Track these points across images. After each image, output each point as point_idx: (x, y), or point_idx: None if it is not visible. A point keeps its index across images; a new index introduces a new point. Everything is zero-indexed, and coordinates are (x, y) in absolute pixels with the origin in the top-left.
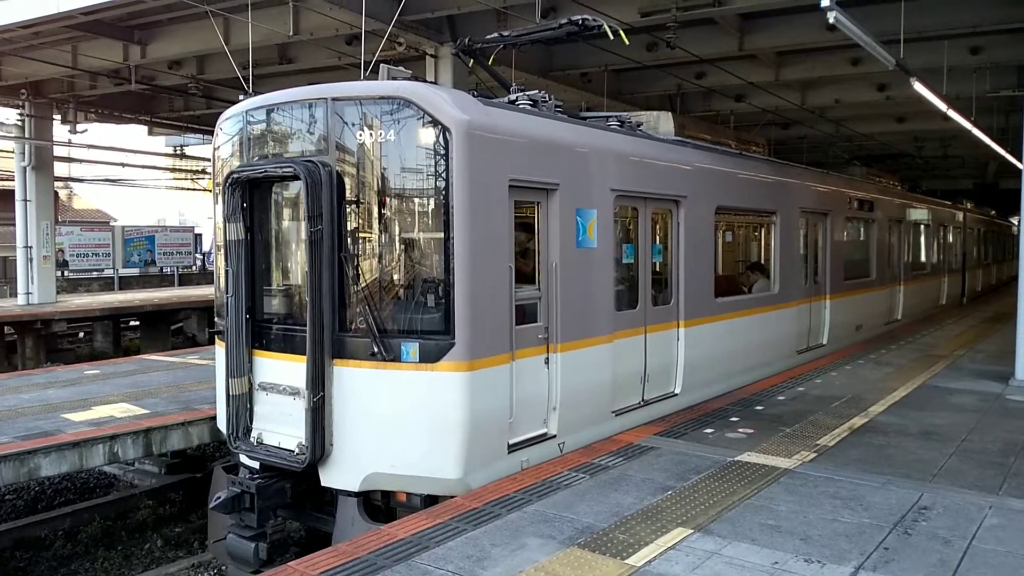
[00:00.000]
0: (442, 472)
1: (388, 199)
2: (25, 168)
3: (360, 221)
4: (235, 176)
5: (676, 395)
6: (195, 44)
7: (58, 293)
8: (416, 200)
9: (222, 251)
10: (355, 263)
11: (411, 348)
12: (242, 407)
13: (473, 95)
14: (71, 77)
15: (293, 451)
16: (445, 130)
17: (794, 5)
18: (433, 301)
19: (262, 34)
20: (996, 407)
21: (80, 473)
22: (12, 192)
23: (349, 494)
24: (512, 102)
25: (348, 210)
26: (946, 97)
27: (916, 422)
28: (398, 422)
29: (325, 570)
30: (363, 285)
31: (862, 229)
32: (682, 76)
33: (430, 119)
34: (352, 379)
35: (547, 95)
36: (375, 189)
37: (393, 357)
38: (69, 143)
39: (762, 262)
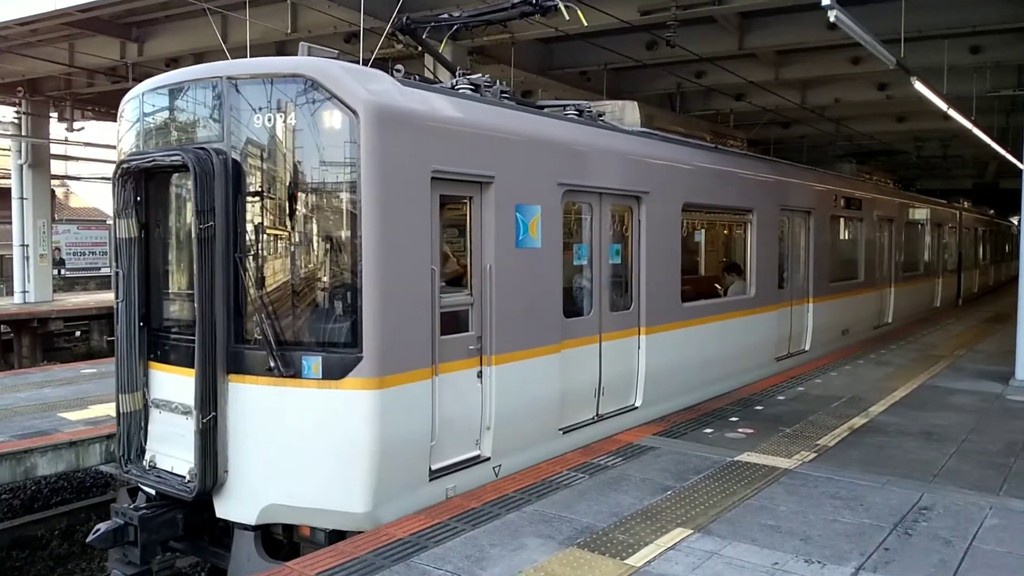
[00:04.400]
0: (347, 505)
1: (289, 192)
2: (22, 166)
3: (258, 217)
4: (125, 166)
5: (636, 408)
6: (193, 42)
7: (55, 292)
8: (320, 193)
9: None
10: (251, 264)
11: (313, 363)
12: (135, 426)
13: (396, 75)
14: (68, 75)
15: (184, 477)
16: (352, 112)
17: (794, 4)
18: (339, 309)
19: (260, 32)
20: (996, 407)
21: (77, 472)
22: (8, 190)
23: (245, 527)
24: (453, 87)
25: (245, 204)
26: (946, 96)
27: (916, 422)
28: (299, 447)
29: (323, 570)
30: (260, 289)
31: (850, 228)
32: (682, 75)
33: (334, 100)
34: (249, 397)
35: (496, 80)
36: (275, 180)
37: (293, 373)
38: (66, 141)
39: (739, 263)
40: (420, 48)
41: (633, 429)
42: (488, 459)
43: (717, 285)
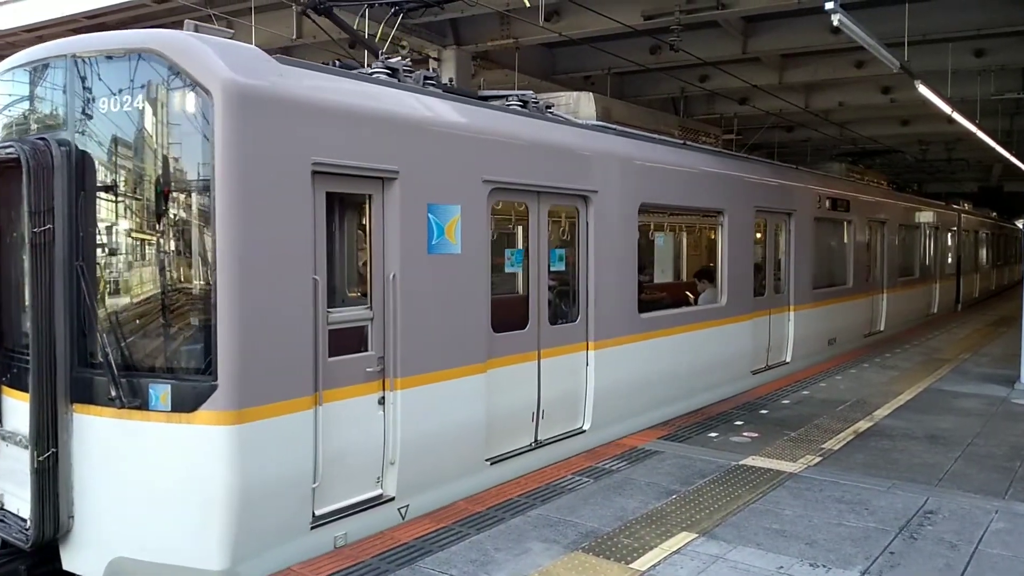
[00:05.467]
0: (201, 560)
1: (138, 189)
2: None
3: (105, 219)
4: None
5: (584, 431)
6: None
7: None
8: (173, 190)
9: None
10: (95, 274)
11: (161, 392)
12: None
13: (276, 55)
14: None
15: (26, 522)
16: (206, 93)
17: (798, 8)
18: (192, 328)
19: (265, 38)
20: (1002, 411)
21: None
22: None
23: None
24: (369, 73)
25: (90, 204)
26: (950, 100)
27: (921, 426)
28: (148, 492)
29: (328, 574)
30: (102, 304)
31: (837, 231)
32: (685, 79)
33: (187, 78)
34: (94, 431)
35: (430, 68)
36: (123, 176)
37: (139, 404)
38: None
39: (712, 269)
40: (345, 31)
41: (638, 433)
42: (392, 499)
43: (688, 293)
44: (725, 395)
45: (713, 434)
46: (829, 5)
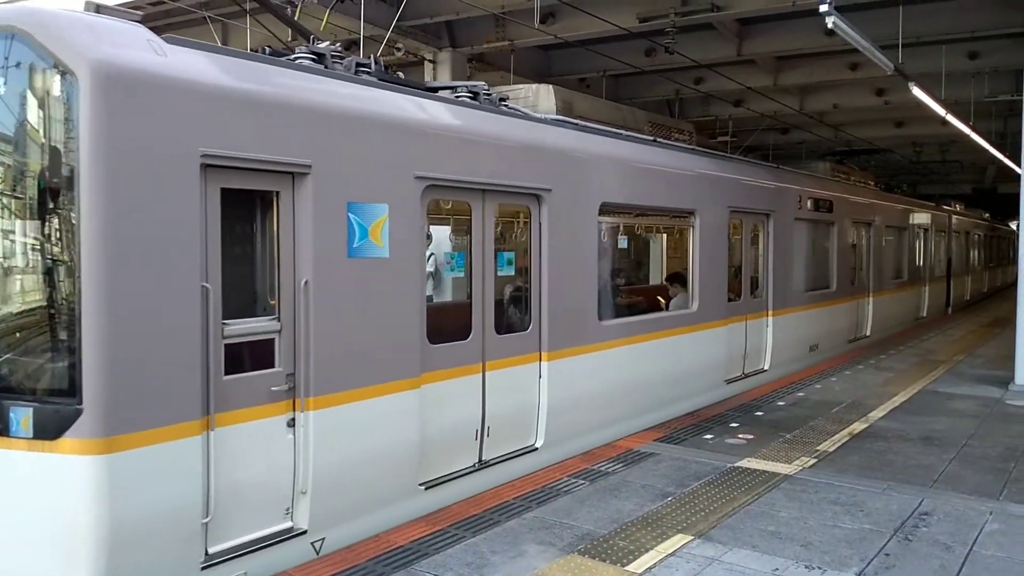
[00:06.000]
0: None
1: None
2: None
3: None
4: None
5: (537, 449)
6: None
7: None
8: (36, 186)
9: None
10: None
11: (23, 416)
12: None
13: (168, 35)
14: None
15: None
16: (71, 75)
17: (792, 10)
18: (55, 343)
19: (260, 39)
20: (996, 412)
21: None
22: None
23: None
24: (293, 58)
25: None
26: (944, 102)
27: (916, 427)
28: (9, 527)
29: None
30: None
31: (819, 233)
32: (681, 81)
33: (49, 57)
34: None
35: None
36: None
37: (0, 429)
38: None
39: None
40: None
41: (633, 435)
42: (304, 533)
43: (661, 298)
44: (697, 406)
45: (708, 436)
46: (823, 7)
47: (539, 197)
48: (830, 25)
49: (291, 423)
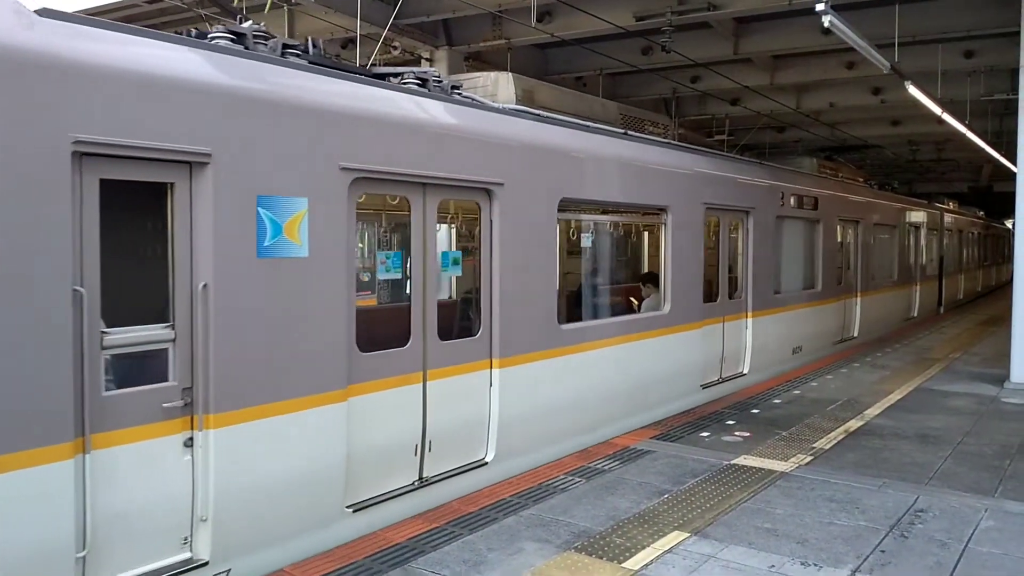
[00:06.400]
0: None
1: None
2: None
3: None
4: None
5: (487, 464)
6: None
7: None
8: None
9: None
10: None
11: None
12: None
13: (44, 8)
14: None
15: None
16: None
17: (789, 9)
18: None
19: None
20: (991, 410)
21: None
22: None
23: None
24: (210, 38)
25: None
26: (940, 101)
27: (912, 425)
28: None
29: (321, 575)
30: None
31: (804, 231)
32: (677, 80)
33: None
34: None
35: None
36: None
37: None
38: None
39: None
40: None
41: (630, 433)
42: (205, 564)
43: (632, 300)
44: (670, 412)
45: (705, 433)
46: (820, 6)
47: (490, 192)
48: (826, 24)
49: (188, 443)
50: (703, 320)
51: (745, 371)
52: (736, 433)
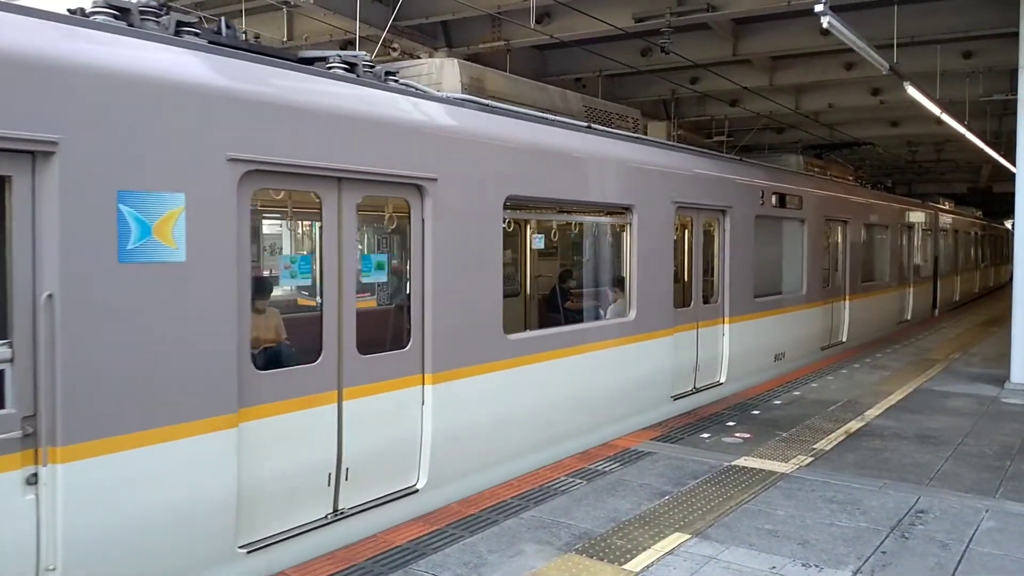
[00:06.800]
0: None
1: None
2: None
3: None
4: None
5: (418, 491)
6: None
7: None
8: None
9: None
10: None
11: None
12: None
13: None
14: None
15: None
16: None
17: (788, 10)
18: None
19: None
20: (992, 410)
21: None
22: None
23: None
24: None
25: None
26: (939, 101)
27: (912, 426)
28: None
29: None
30: None
31: (787, 232)
32: (676, 81)
33: None
34: None
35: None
36: None
37: None
38: None
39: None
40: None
41: (630, 434)
42: None
43: (597, 306)
44: (636, 427)
45: (705, 435)
46: (819, 7)
47: (421, 188)
48: (825, 25)
49: (32, 480)
50: (674, 327)
51: (722, 380)
52: (736, 434)
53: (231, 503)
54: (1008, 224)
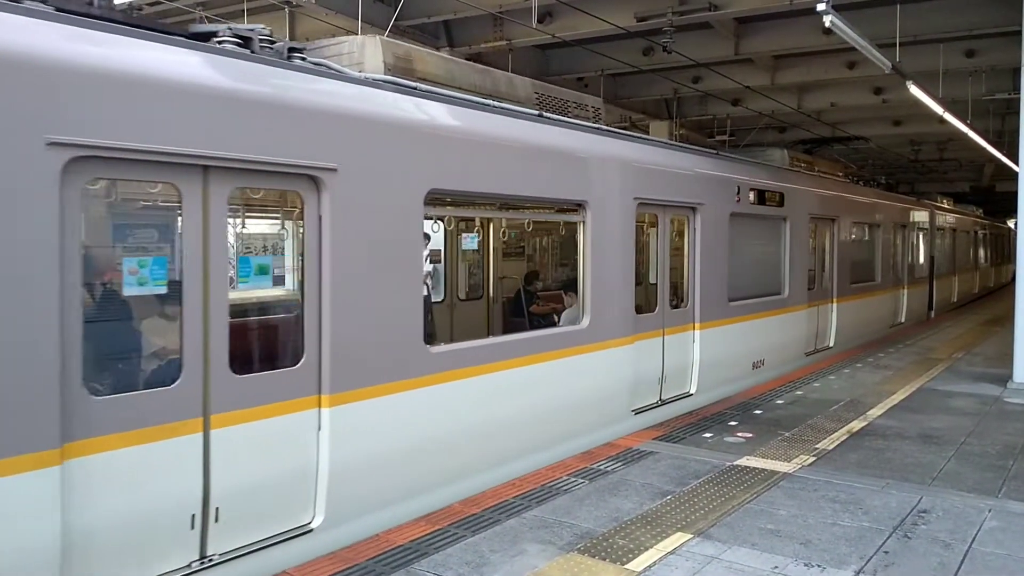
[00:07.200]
0: None
1: None
2: None
3: None
4: None
5: (312, 531)
6: None
7: None
8: None
9: None
10: None
11: None
12: None
13: None
14: None
15: None
16: None
17: (790, 9)
18: None
19: None
20: (994, 410)
21: None
22: None
23: None
24: None
25: None
26: (942, 100)
27: (915, 425)
28: None
29: None
30: None
31: (767, 231)
32: (678, 80)
33: None
34: None
35: None
36: None
37: None
38: None
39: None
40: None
41: (632, 434)
42: None
43: (553, 312)
44: (592, 444)
45: (707, 435)
46: (821, 6)
47: (316, 180)
48: (828, 24)
49: None
50: (635, 334)
51: (692, 391)
52: (739, 434)
53: (53, 554)
54: (1011, 223)
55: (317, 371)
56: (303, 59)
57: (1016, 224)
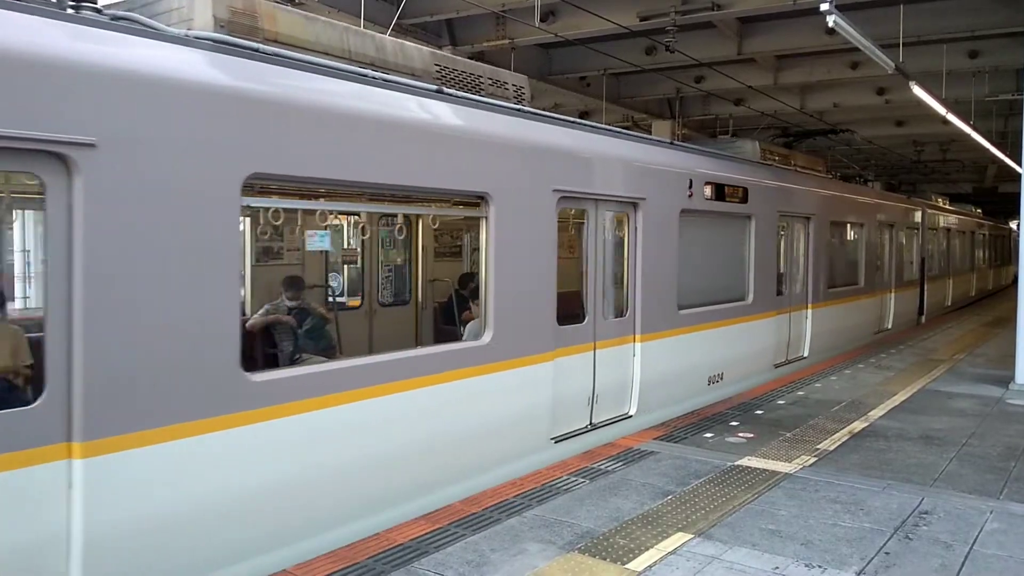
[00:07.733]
0: None
1: None
2: None
3: None
4: None
5: None
6: None
7: None
8: None
9: None
10: None
11: None
12: None
13: None
14: None
15: None
16: None
17: (793, 9)
18: None
19: None
20: (996, 411)
21: None
22: None
23: None
24: None
25: None
26: (945, 101)
27: (916, 426)
28: None
29: (324, 575)
30: None
31: (728, 230)
32: (681, 80)
33: None
34: None
35: None
36: None
37: None
38: None
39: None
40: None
41: (634, 434)
42: None
43: (452, 324)
44: (495, 481)
45: (709, 435)
46: (824, 6)
47: (66, 159)
48: (831, 24)
49: None
50: (555, 350)
51: (632, 412)
52: (740, 434)
53: None
54: (1013, 224)
55: (66, 410)
56: (94, 7)
57: (1019, 225)
